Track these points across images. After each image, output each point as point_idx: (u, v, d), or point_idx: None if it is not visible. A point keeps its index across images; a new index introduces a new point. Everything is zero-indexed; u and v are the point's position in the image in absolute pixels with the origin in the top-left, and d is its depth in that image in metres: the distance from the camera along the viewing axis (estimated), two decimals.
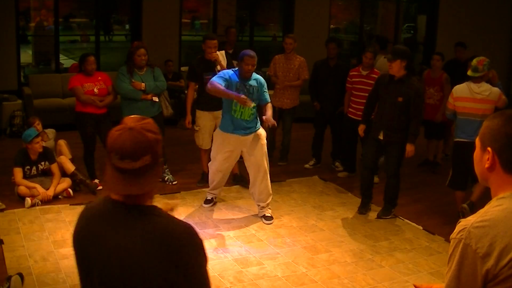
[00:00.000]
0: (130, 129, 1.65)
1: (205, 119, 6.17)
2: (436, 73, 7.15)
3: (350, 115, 6.69)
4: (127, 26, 19.46)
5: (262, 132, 5.42)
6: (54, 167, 5.91)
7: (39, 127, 6.17)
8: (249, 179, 5.59)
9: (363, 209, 5.76)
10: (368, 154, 5.69)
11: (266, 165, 5.39)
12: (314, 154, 7.37)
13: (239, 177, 6.45)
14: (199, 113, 6.20)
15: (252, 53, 5.24)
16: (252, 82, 5.28)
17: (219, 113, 5.95)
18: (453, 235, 1.63)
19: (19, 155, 5.84)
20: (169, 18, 9.50)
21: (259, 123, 5.42)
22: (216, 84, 5.06)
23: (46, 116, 7.31)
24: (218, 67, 5.94)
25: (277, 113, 7.21)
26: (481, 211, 1.64)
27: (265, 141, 5.43)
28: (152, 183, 1.69)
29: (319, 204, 6.01)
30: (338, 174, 7.03)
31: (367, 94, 6.28)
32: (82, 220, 1.75)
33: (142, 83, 6.00)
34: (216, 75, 5.25)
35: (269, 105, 5.36)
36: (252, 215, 5.61)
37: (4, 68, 8.62)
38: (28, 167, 5.85)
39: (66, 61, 13.55)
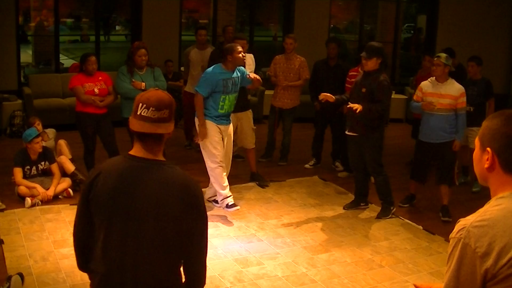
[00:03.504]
0: (156, 90, 2.15)
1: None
2: (426, 73, 7.17)
3: None
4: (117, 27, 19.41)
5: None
6: (54, 167, 5.91)
7: (39, 127, 6.17)
8: (263, 177, 6.39)
9: (349, 205, 5.87)
10: (351, 156, 5.78)
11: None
12: (314, 154, 7.37)
13: (256, 176, 6.48)
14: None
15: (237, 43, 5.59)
16: (236, 74, 5.51)
17: (242, 114, 6.37)
18: (452, 235, 1.63)
19: (19, 155, 5.84)
20: (169, 18, 9.50)
21: None
22: (200, 107, 5.41)
23: (46, 116, 7.32)
24: (247, 69, 6.05)
25: (277, 113, 7.22)
26: (481, 210, 1.64)
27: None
28: (168, 131, 2.11)
29: (319, 204, 6.01)
30: (338, 174, 7.04)
31: None
32: (108, 176, 2.07)
33: (143, 83, 6.00)
34: (203, 81, 5.41)
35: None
36: (252, 215, 5.62)
37: (4, 68, 8.63)
38: (28, 167, 5.85)
39: (66, 61, 13.56)
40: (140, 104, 2.07)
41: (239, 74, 5.55)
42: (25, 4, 14.91)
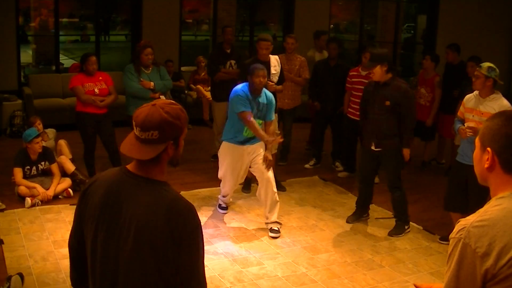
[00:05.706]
0: (152, 105, 1.88)
1: None
2: (429, 74, 7.12)
3: (349, 115, 6.69)
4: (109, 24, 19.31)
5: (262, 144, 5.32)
6: (54, 167, 5.91)
7: (40, 127, 6.18)
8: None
9: (353, 217, 5.53)
10: (364, 167, 5.43)
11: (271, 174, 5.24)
12: (314, 154, 7.37)
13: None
14: None
15: (261, 65, 5.13)
16: (262, 100, 5.14)
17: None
18: (452, 235, 1.63)
19: (19, 155, 5.84)
20: (169, 18, 9.50)
21: None
22: (254, 123, 4.99)
23: (46, 116, 7.31)
24: (273, 71, 5.95)
25: (277, 113, 7.21)
26: (481, 210, 1.64)
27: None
28: (154, 155, 1.86)
29: (319, 204, 6.01)
30: (338, 174, 7.03)
31: None
32: (100, 186, 1.95)
33: (151, 82, 6.03)
34: (240, 101, 5.01)
35: (272, 127, 5.36)
36: (252, 215, 5.62)
37: (4, 68, 8.63)
38: (28, 167, 5.85)
39: (66, 61, 13.57)
40: (133, 122, 1.90)
41: (265, 102, 5.16)
42: (25, 4, 14.91)
